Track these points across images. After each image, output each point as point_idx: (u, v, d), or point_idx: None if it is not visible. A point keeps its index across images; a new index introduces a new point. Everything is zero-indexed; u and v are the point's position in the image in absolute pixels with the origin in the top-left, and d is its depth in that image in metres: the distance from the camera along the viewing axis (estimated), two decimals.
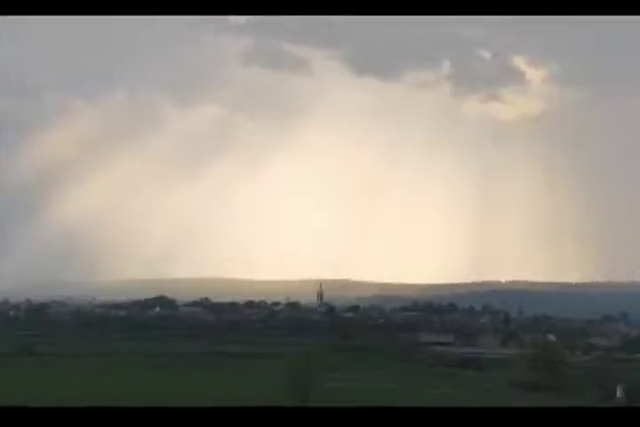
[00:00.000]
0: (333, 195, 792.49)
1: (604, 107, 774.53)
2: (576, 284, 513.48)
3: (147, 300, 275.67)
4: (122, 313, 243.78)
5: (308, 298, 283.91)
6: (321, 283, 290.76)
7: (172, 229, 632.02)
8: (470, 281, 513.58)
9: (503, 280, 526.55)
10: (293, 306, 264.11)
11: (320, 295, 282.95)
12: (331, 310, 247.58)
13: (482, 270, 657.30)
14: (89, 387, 69.61)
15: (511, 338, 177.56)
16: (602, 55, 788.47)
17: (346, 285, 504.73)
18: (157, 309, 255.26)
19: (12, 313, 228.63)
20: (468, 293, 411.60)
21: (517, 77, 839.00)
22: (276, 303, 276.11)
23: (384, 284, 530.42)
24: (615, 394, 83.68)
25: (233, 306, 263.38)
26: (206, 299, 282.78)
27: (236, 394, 64.96)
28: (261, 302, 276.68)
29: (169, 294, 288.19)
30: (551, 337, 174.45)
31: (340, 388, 75.05)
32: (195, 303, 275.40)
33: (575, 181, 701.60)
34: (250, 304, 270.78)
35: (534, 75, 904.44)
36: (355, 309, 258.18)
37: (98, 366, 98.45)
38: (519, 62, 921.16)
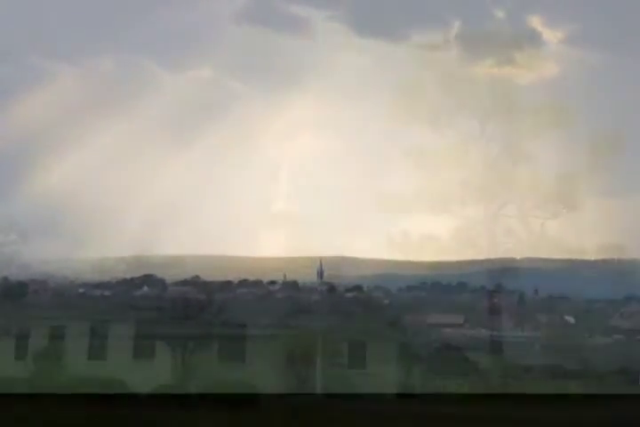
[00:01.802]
0: (334, 163, 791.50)
1: (626, 69, 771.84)
2: (596, 261, 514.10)
3: (133, 279, 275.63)
4: (107, 293, 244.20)
5: (307, 276, 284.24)
6: (321, 260, 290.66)
7: (159, 201, 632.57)
8: (483, 258, 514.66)
9: (518, 257, 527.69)
10: (291, 285, 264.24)
11: (320, 274, 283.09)
12: (332, 289, 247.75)
13: (494, 246, 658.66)
14: (73, 372, 69.91)
15: (526, 319, 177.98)
16: (623, 14, 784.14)
17: (348, 262, 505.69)
18: (145, 288, 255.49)
19: None
20: (479, 271, 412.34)
21: (533, 39, 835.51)
22: (273, 282, 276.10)
23: (389, 261, 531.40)
24: (638, 380, 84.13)
25: (226, 285, 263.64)
26: (197, 277, 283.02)
27: (229, 380, 65.24)
28: (257, 280, 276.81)
29: (157, 273, 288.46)
30: (570, 319, 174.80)
31: (341, 374, 75.37)
32: (185, 282, 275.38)
33: (595, 149, 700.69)
34: (244, 283, 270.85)
35: (551, 36, 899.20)
36: (358, 288, 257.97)
37: (82, 349, 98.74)
38: (535, 22, 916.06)
